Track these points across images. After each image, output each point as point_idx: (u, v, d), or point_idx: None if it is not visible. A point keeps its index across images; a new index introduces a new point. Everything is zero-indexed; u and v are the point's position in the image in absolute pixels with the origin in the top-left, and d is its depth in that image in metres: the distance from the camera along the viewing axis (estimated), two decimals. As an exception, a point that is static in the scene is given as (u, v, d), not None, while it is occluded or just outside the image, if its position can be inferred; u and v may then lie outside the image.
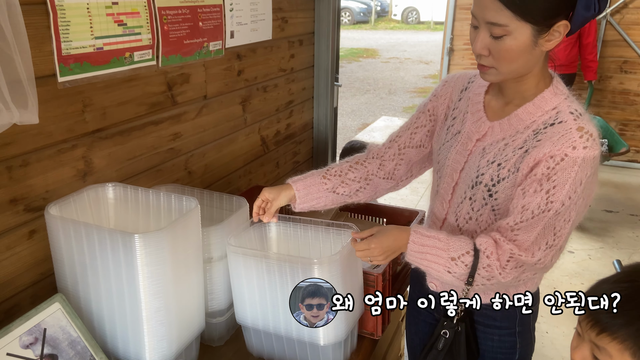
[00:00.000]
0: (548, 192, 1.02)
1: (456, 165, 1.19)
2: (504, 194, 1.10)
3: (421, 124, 1.32)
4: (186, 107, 1.63)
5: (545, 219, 1.02)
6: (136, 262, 1.08)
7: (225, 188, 1.91)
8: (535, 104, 1.09)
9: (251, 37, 1.93)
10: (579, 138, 1.01)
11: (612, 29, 4.52)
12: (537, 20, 0.99)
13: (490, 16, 1.00)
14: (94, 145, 1.31)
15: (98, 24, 1.25)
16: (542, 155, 1.03)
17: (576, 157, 1.00)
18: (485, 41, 1.03)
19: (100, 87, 1.31)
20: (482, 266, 1.05)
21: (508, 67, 1.05)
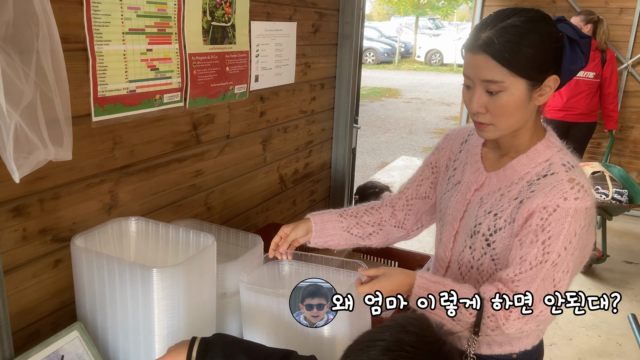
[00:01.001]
0: (544, 243, 1.04)
1: (456, 214, 1.22)
2: (502, 243, 1.12)
3: (425, 176, 1.38)
4: (209, 145, 1.71)
5: (543, 270, 1.03)
6: (153, 295, 1.13)
7: (242, 224, 1.96)
8: (528, 156, 1.13)
9: (275, 81, 2.02)
10: (570, 189, 1.04)
11: (634, 79, 4.54)
12: (530, 75, 1.04)
13: (485, 74, 1.04)
14: (121, 180, 1.39)
15: (132, 69, 1.35)
16: (535, 206, 1.05)
17: (568, 208, 1.02)
18: (482, 99, 1.07)
19: (130, 126, 1.39)
20: (486, 315, 1.05)
21: (506, 122, 1.08)
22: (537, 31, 1.03)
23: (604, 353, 2.80)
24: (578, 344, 2.85)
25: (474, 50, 1.05)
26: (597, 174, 3.51)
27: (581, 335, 2.92)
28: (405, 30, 19.05)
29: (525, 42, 1.02)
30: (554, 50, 1.05)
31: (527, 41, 1.02)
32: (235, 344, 1.04)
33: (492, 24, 1.04)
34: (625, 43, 4.49)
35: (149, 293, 1.13)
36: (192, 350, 1.01)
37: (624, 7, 4.44)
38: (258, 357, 1.02)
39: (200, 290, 1.24)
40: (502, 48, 1.01)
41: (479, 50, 1.04)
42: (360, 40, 2.64)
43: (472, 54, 1.06)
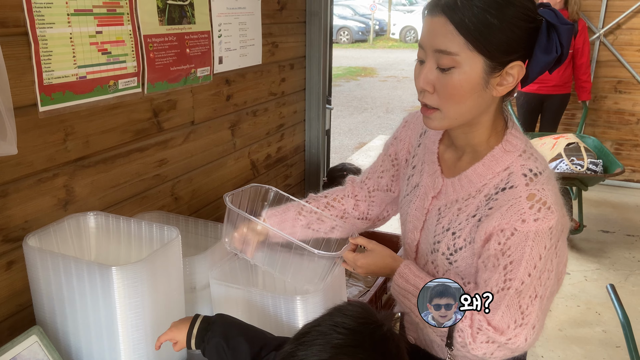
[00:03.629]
0: (505, 268, 0.93)
1: (417, 223, 1.12)
2: (465, 262, 1.02)
3: (386, 168, 1.28)
4: (173, 133, 1.63)
5: (506, 297, 0.93)
6: (114, 295, 1.06)
7: (213, 213, 1.89)
8: (485, 164, 0.99)
9: (240, 63, 1.94)
10: (529, 209, 0.91)
11: (606, 49, 4.55)
12: (490, 53, 0.89)
13: (439, 42, 0.90)
14: (76, 173, 1.30)
15: (81, 53, 1.26)
16: (492, 228, 0.94)
17: (527, 231, 0.90)
18: (430, 75, 0.93)
19: (83, 115, 1.30)
20: (456, 329, 0.95)
21: (454, 109, 0.94)
22: (511, 3, 0.88)
23: (583, 323, 2.84)
24: (557, 314, 2.88)
25: (432, 11, 0.91)
26: (572, 145, 3.52)
27: (560, 306, 2.95)
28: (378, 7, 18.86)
29: (493, 12, 0.87)
30: (527, 31, 0.90)
31: (495, 11, 0.87)
32: (235, 326, 1.05)
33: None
34: (597, 12, 4.48)
35: (110, 293, 1.06)
36: (194, 327, 1.04)
37: (594, -24, 4.43)
38: (256, 342, 1.01)
39: (166, 286, 1.17)
40: (464, 12, 0.87)
41: (438, 11, 0.90)
42: (330, 17, 2.56)
43: (430, 16, 0.92)
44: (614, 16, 4.44)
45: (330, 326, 0.79)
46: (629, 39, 4.48)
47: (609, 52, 4.54)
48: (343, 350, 0.76)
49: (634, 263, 3.45)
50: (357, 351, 0.76)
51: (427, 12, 0.95)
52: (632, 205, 4.37)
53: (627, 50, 4.51)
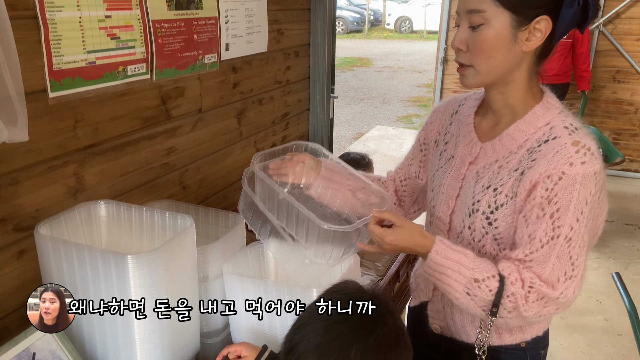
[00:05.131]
0: (552, 217, 0.94)
1: (451, 192, 1.12)
2: (504, 221, 1.02)
3: (414, 154, 1.30)
4: (181, 120, 1.60)
5: (556, 246, 0.94)
6: (129, 284, 1.04)
7: (220, 202, 1.87)
8: (526, 121, 1.03)
9: (247, 50, 1.91)
10: (575, 153, 0.95)
11: (605, 39, 4.55)
12: (515, 7, 0.95)
13: (469, 3, 0.98)
14: (86, 161, 1.28)
15: (90, 38, 1.23)
16: (538, 175, 0.96)
17: (575, 174, 0.93)
18: (463, 34, 1.00)
19: (92, 102, 1.27)
20: (506, 294, 0.95)
21: (486, 63, 0.99)
22: None
23: (585, 311, 2.86)
24: (559, 303, 2.90)
25: None
26: (573, 135, 3.51)
27: (562, 295, 2.97)
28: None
29: None
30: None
31: None
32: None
33: None
34: (596, 2, 4.47)
35: (125, 282, 1.04)
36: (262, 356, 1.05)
37: (594, -35, 4.41)
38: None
39: (180, 275, 1.15)
40: None
41: None
42: (334, 4, 2.53)
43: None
44: (613, 5, 4.44)
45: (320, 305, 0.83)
46: (628, 28, 4.48)
47: (608, 41, 4.54)
48: (333, 320, 0.80)
49: (633, 252, 3.48)
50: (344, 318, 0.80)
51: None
52: (630, 194, 4.40)
53: (626, 40, 4.51)
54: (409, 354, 0.83)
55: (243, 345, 1.10)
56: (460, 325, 1.14)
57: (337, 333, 0.79)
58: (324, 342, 0.79)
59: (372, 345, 0.78)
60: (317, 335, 0.80)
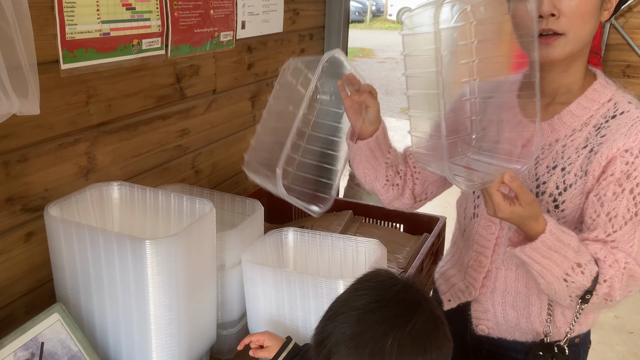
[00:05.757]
0: (632, 192, 0.91)
1: None
2: (572, 203, 0.97)
3: None
4: (195, 101, 1.53)
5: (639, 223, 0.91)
6: (146, 271, 0.98)
7: (232, 189, 1.80)
8: (588, 98, 0.99)
9: (262, 29, 1.82)
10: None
11: (616, 32, 4.47)
12: None
13: None
14: (98, 140, 1.20)
15: (105, 7, 1.14)
16: (616, 150, 0.92)
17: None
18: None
19: (106, 76, 1.20)
20: (603, 279, 0.90)
21: (580, 30, 0.93)
22: None
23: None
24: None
25: None
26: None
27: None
28: (376, -11, 18.58)
29: None
30: None
31: None
32: None
33: None
34: (609, -5, 4.40)
35: (142, 268, 0.97)
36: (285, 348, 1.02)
37: (609, -43, 4.33)
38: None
39: (199, 263, 1.08)
40: None
41: None
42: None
43: None
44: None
45: (350, 293, 0.80)
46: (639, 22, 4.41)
47: (619, 35, 4.47)
48: (366, 309, 0.75)
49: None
50: (378, 306, 0.75)
51: None
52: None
53: (638, 34, 4.44)
54: (449, 344, 0.77)
55: (266, 334, 1.04)
56: (514, 322, 1.08)
57: (371, 322, 0.74)
58: (358, 332, 0.73)
59: (410, 334, 0.72)
60: (350, 325, 0.74)
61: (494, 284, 1.09)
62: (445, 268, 1.24)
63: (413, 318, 0.73)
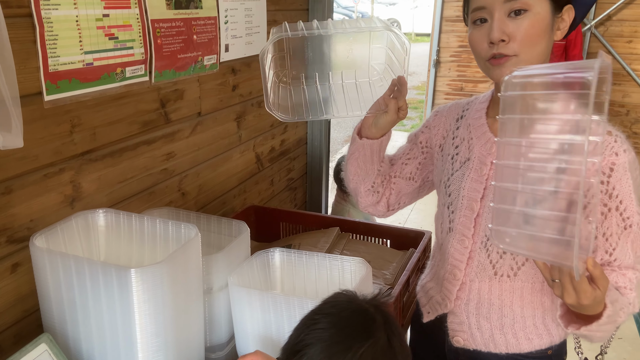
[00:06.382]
0: (618, 209, 0.95)
1: (474, 194, 1.08)
2: None
3: (413, 155, 1.24)
4: (180, 124, 1.54)
5: (631, 235, 0.96)
6: (132, 299, 0.98)
7: (219, 209, 1.81)
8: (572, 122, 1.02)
9: (246, 51, 1.85)
10: (615, 142, 0.95)
11: (597, 40, 4.56)
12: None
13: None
14: (83, 168, 1.21)
15: (88, 38, 1.16)
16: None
17: (623, 163, 0.95)
18: (503, 25, 0.95)
19: (90, 105, 1.21)
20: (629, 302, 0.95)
21: (530, 52, 0.97)
22: None
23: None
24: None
25: None
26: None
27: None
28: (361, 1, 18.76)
29: None
30: None
31: None
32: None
33: None
34: (588, 5, 4.49)
35: (128, 297, 0.98)
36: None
37: (586, -32, 4.43)
38: None
39: (185, 289, 1.09)
40: None
41: None
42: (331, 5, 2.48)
43: None
44: (604, 7, 4.45)
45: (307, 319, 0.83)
46: (619, 30, 4.50)
47: (600, 43, 4.56)
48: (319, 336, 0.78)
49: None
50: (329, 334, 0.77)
51: None
52: (623, 196, 4.42)
53: (617, 42, 4.53)
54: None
55: (257, 355, 1.05)
56: (488, 334, 1.10)
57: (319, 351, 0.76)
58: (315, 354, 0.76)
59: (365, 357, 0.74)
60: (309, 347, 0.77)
61: (468, 296, 1.11)
62: (425, 281, 1.27)
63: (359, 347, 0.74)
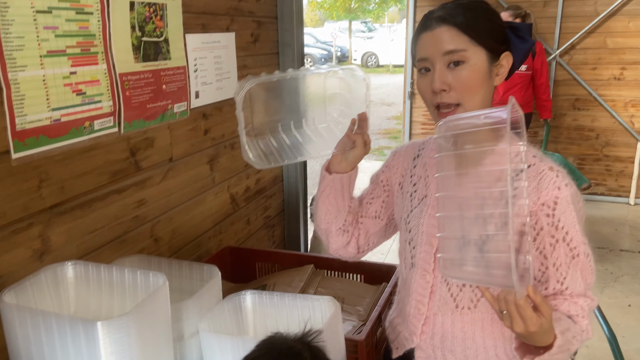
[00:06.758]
0: (565, 240, 1.00)
1: (433, 230, 1.12)
2: None
3: (376, 194, 1.29)
4: (151, 171, 1.57)
5: (579, 264, 1.01)
6: (100, 352, 0.99)
7: (195, 252, 1.83)
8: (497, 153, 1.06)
9: (217, 96, 1.90)
10: (557, 177, 1.02)
11: (563, 69, 4.74)
12: (490, 45, 1.03)
13: (447, 45, 1.02)
14: (52, 221, 1.23)
15: (55, 95, 1.20)
16: (532, 204, 1.01)
17: (566, 196, 1.00)
18: (443, 75, 1.02)
19: (58, 159, 1.24)
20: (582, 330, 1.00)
21: (472, 99, 1.03)
22: (487, 8, 1.07)
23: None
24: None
25: (431, 26, 1.04)
26: (540, 163, 3.61)
27: (542, 323, 2.97)
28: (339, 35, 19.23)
29: (480, 13, 1.04)
30: (503, 29, 1.07)
31: (481, 13, 1.05)
32: None
33: (444, 6, 1.05)
34: (552, 34, 4.68)
35: (96, 350, 0.99)
36: None
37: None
38: None
39: (154, 338, 1.10)
40: (461, 17, 1.02)
41: (438, 23, 1.03)
42: (301, 46, 2.57)
43: (430, 30, 1.04)
44: (568, 37, 4.64)
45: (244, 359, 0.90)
46: (584, 58, 4.69)
47: (566, 71, 4.73)
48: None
49: (607, 275, 3.53)
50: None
51: (423, 30, 1.06)
52: (599, 217, 4.50)
53: (582, 69, 4.71)
54: None
55: None
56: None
57: None
58: None
59: None
60: None
61: (433, 329, 1.14)
62: (392, 317, 1.29)
63: None
